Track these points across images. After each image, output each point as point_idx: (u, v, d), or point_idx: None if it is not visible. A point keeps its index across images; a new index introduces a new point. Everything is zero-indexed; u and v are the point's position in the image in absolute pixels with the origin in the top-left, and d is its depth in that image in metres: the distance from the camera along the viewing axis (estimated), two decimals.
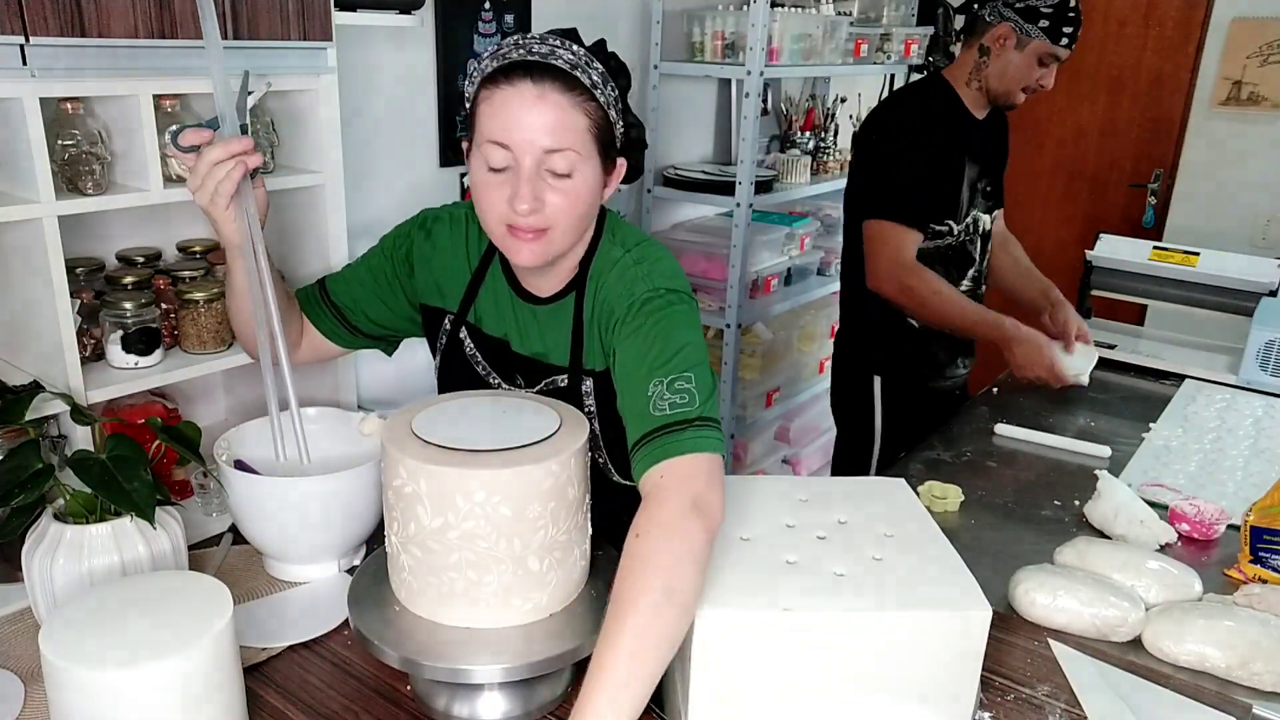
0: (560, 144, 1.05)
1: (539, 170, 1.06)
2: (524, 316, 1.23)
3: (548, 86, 1.04)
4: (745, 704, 0.91)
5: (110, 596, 0.93)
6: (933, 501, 1.52)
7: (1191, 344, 2.35)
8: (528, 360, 1.24)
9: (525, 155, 1.05)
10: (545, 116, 1.04)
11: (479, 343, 1.26)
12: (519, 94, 1.04)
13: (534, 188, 1.06)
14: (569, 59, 1.07)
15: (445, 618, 0.99)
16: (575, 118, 1.06)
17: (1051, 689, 1.10)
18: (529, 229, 1.08)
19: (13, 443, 1.20)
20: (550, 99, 1.04)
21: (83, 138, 1.30)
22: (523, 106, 1.04)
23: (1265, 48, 3.41)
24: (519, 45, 1.08)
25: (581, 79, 1.07)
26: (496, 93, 1.05)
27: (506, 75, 1.05)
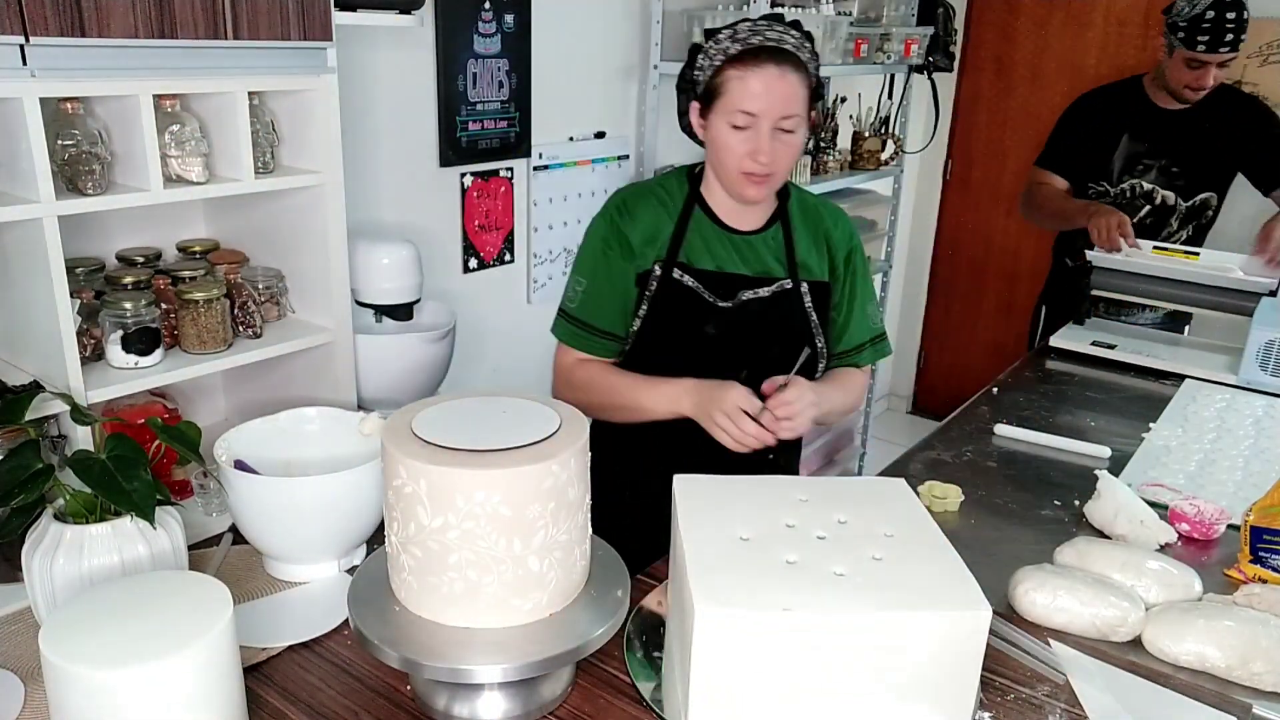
0: (792, 110, 1.36)
1: (774, 130, 1.36)
2: (740, 246, 1.49)
3: (786, 68, 1.35)
4: (745, 704, 0.91)
5: (110, 596, 0.93)
6: (933, 501, 1.52)
7: (1191, 344, 2.35)
8: (753, 278, 1.48)
9: (766, 121, 1.35)
10: (785, 91, 1.35)
11: (698, 275, 1.46)
12: (765, 74, 1.34)
13: (772, 144, 1.36)
14: (793, 43, 1.37)
15: (445, 618, 0.99)
16: (801, 89, 1.37)
17: (1051, 689, 1.10)
18: (763, 173, 1.38)
19: (13, 443, 1.20)
20: (788, 77, 1.35)
21: (83, 138, 1.30)
22: (770, 83, 1.34)
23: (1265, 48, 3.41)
24: (757, 31, 1.36)
25: (803, 58, 1.37)
26: (748, 72, 1.34)
27: (755, 58, 1.34)
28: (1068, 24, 3.83)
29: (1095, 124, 2.57)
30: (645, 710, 1.04)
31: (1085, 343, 2.32)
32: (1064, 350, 2.32)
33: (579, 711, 1.04)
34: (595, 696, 1.07)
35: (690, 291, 1.46)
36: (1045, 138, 2.65)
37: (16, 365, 1.39)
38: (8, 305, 1.37)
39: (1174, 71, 2.39)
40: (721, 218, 1.49)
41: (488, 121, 2.34)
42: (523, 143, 2.45)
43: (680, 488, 1.07)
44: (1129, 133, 2.51)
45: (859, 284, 1.56)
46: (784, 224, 1.52)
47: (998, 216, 4.18)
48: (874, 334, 1.59)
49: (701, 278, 1.46)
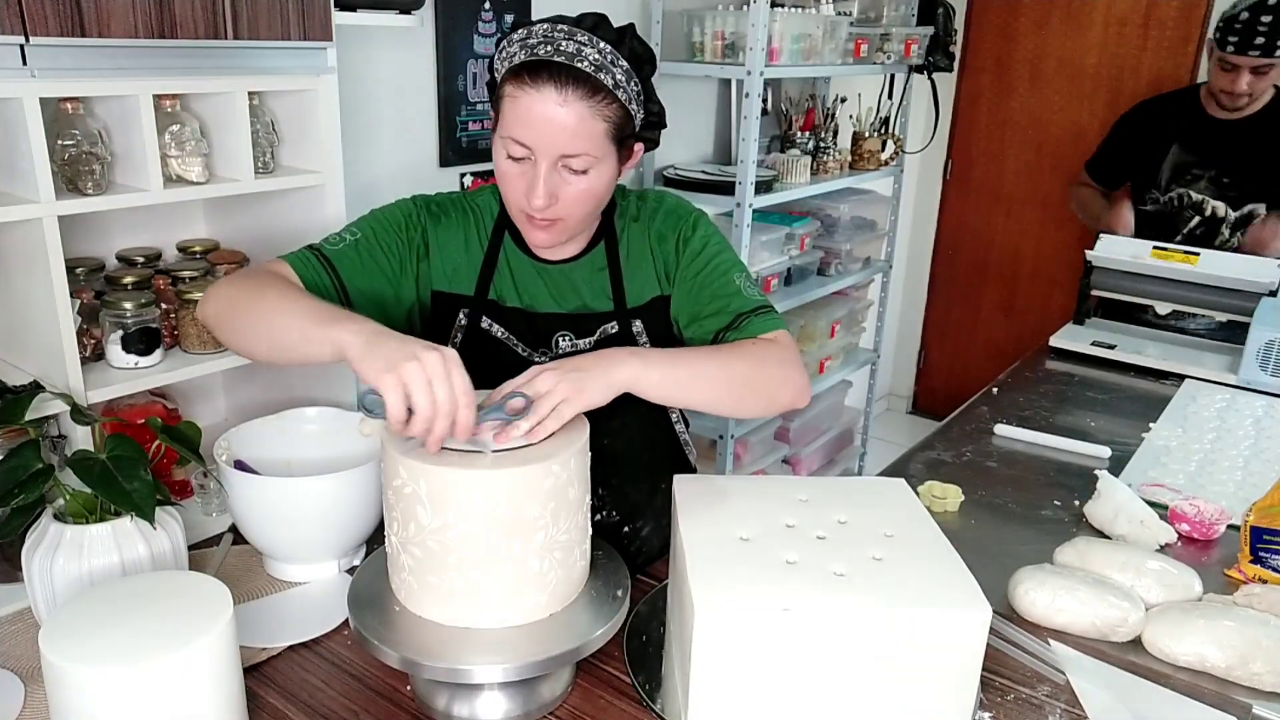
0: (578, 149, 1.09)
1: (555, 167, 1.10)
2: (553, 278, 1.25)
3: (570, 93, 1.06)
4: (745, 704, 0.91)
5: (110, 596, 0.93)
6: (933, 501, 1.52)
7: (1191, 344, 2.35)
8: (572, 317, 1.25)
9: (543, 157, 1.09)
10: (566, 121, 1.07)
11: (505, 321, 1.25)
12: (542, 99, 1.06)
13: (549, 184, 1.10)
14: (595, 60, 1.08)
15: (445, 618, 0.99)
16: (594, 123, 1.09)
17: (1051, 689, 1.10)
18: (544, 219, 1.13)
19: (13, 443, 1.20)
20: (572, 106, 1.07)
21: (83, 138, 1.30)
22: (545, 111, 1.06)
23: None
24: (548, 39, 1.08)
25: (605, 81, 1.08)
26: (521, 94, 1.07)
27: (533, 75, 1.07)
28: (1068, 24, 3.84)
29: (1145, 133, 2.59)
30: (645, 710, 1.04)
31: (1085, 343, 2.32)
32: (1064, 350, 2.32)
33: (579, 711, 1.04)
34: (595, 696, 1.07)
35: (498, 343, 1.24)
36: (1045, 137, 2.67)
37: (16, 365, 1.39)
38: (8, 305, 1.37)
39: (1212, 75, 2.40)
40: (531, 246, 1.23)
41: (488, 121, 2.34)
42: None
43: (680, 488, 1.07)
44: (1179, 142, 2.51)
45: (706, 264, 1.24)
46: (609, 244, 1.25)
47: (998, 216, 4.18)
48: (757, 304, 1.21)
49: (510, 322, 1.24)
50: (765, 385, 1.14)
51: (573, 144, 1.08)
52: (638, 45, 1.14)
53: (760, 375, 1.14)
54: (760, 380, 1.14)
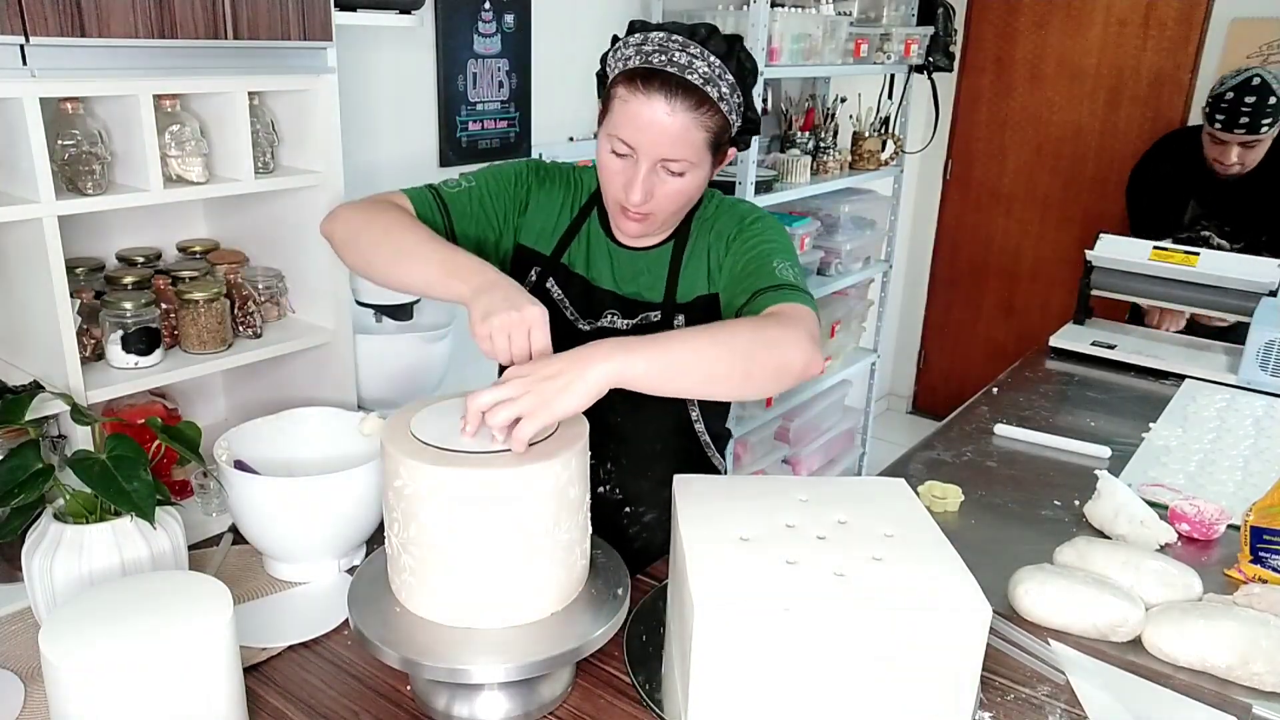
0: (679, 154, 1.15)
1: (654, 168, 1.16)
2: (621, 260, 1.32)
3: (678, 103, 1.12)
4: (745, 704, 0.91)
5: (110, 596, 0.93)
6: (933, 501, 1.52)
7: (1191, 344, 2.35)
8: (623, 299, 1.31)
9: (645, 158, 1.15)
10: (671, 130, 1.13)
11: (567, 286, 1.32)
12: (651, 106, 1.12)
13: (647, 184, 1.17)
14: (704, 73, 1.13)
15: (447, 618, 0.99)
16: (696, 133, 1.14)
17: (1051, 689, 1.10)
18: (638, 213, 1.20)
19: (13, 443, 1.20)
20: (678, 116, 1.12)
21: (83, 138, 1.29)
22: (653, 118, 1.12)
23: (1265, 48, 3.41)
24: (663, 49, 1.13)
25: (711, 94, 1.13)
26: (632, 98, 1.13)
27: (645, 82, 1.12)
28: (1068, 24, 3.84)
29: (1164, 195, 2.73)
30: (645, 710, 1.04)
31: (1085, 343, 2.32)
32: (1064, 350, 2.32)
33: (579, 711, 1.04)
34: (595, 696, 1.07)
35: (554, 305, 1.31)
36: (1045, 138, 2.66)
37: (16, 365, 1.39)
38: (8, 305, 1.37)
39: (1205, 144, 2.54)
40: (621, 235, 1.31)
41: (488, 121, 2.34)
42: (523, 143, 2.45)
43: (680, 488, 1.07)
44: (1194, 197, 2.66)
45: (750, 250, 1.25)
46: (679, 242, 1.31)
47: (998, 216, 4.19)
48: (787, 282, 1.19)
49: (569, 288, 1.32)
50: (765, 355, 1.04)
51: (674, 150, 1.14)
52: (745, 58, 1.18)
53: (759, 344, 1.05)
54: (759, 350, 1.04)
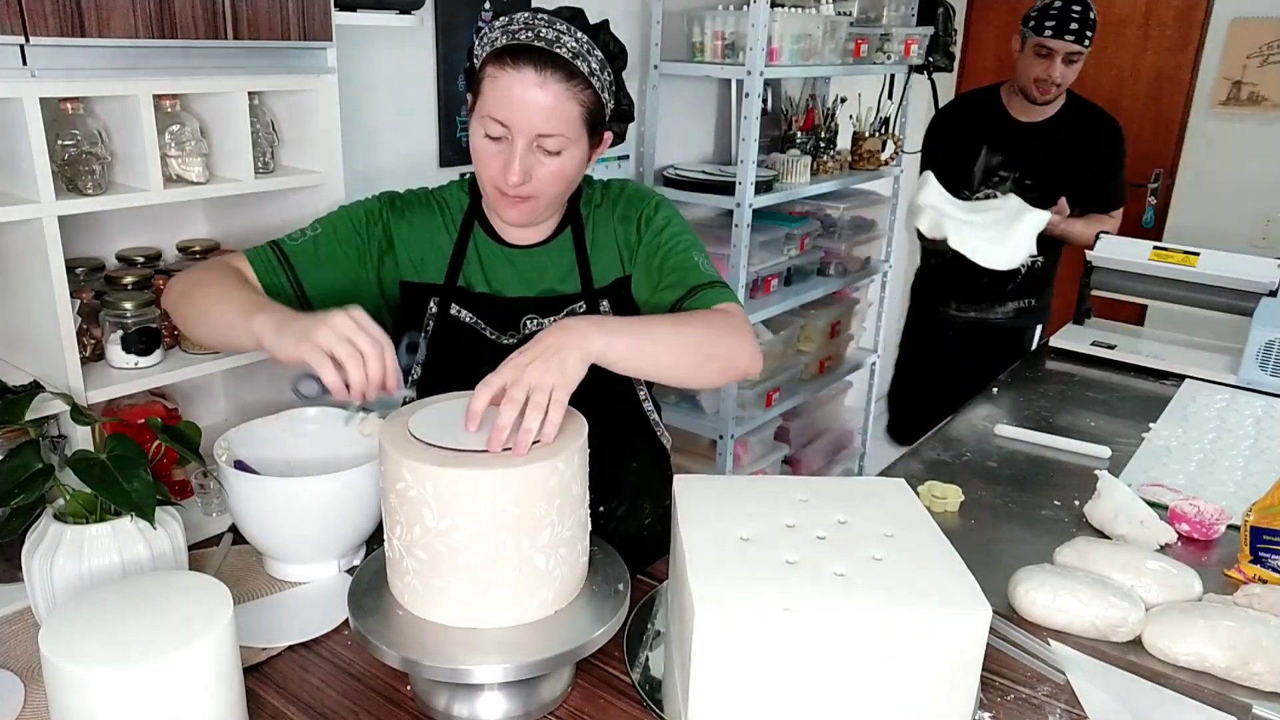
0: (553, 129, 1.14)
1: (531, 147, 1.15)
2: (521, 263, 1.30)
3: (549, 75, 1.12)
4: (745, 704, 0.91)
5: (110, 596, 0.93)
6: (933, 501, 1.52)
7: (1191, 344, 2.35)
8: (538, 300, 1.29)
9: (520, 135, 1.14)
10: (543, 103, 1.13)
11: (473, 306, 1.29)
12: (521, 80, 1.12)
13: (525, 163, 1.15)
14: (572, 47, 1.14)
15: (451, 619, 0.99)
16: (570, 106, 1.15)
17: (1051, 689, 1.10)
18: (517, 196, 1.18)
19: (13, 443, 1.20)
20: (550, 87, 1.13)
21: (83, 138, 1.30)
22: (524, 92, 1.12)
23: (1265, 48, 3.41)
24: (529, 26, 1.14)
25: (581, 68, 1.14)
26: (501, 74, 1.13)
27: (514, 58, 1.12)
28: None
29: (956, 136, 2.69)
30: (645, 710, 1.04)
31: (1085, 343, 2.32)
32: (1064, 350, 2.32)
33: (579, 711, 1.04)
34: (595, 696, 1.07)
35: (467, 328, 1.28)
36: None
37: (16, 365, 1.39)
38: (8, 305, 1.37)
39: (1025, 66, 2.50)
40: (500, 232, 1.29)
41: None
42: None
43: (680, 488, 1.07)
44: (987, 144, 2.62)
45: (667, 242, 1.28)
46: (575, 229, 1.31)
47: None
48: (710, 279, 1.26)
49: (478, 307, 1.28)
50: (720, 350, 1.17)
51: (548, 124, 1.14)
52: (611, 42, 1.20)
53: (715, 340, 1.17)
54: (715, 345, 1.17)
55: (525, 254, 1.30)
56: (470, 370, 1.12)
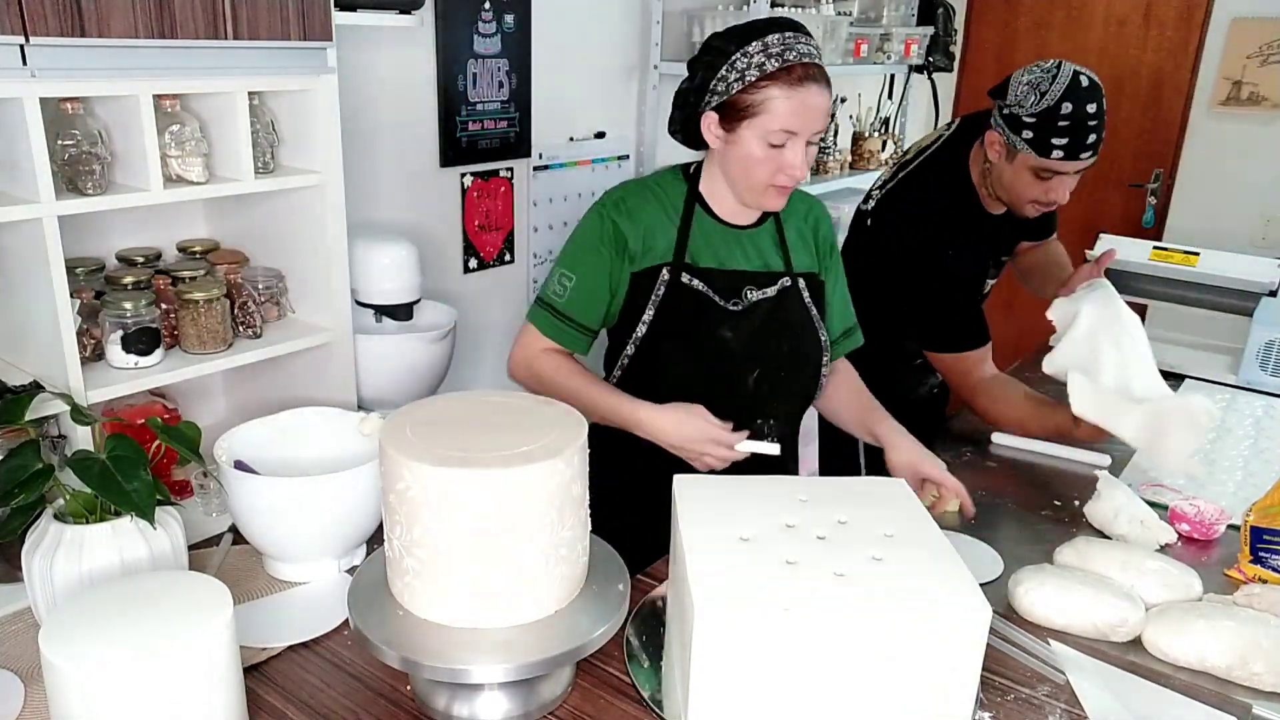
0: (825, 124, 1.38)
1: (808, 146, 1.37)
2: (742, 241, 1.49)
3: (824, 85, 1.36)
4: (745, 704, 0.91)
5: (110, 596, 0.93)
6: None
7: (1191, 344, 2.35)
8: (757, 274, 1.49)
9: (804, 137, 1.35)
10: (825, 108, 1.36)
11: (703, 277, 1.45)
12: (817, 94, 1.34)
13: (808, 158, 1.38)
14: (819, 54, 1.37)
15: (450, 619, 0.99)
16: (830, 103, 1.38)
17: (1051, 689, 1.10)
18: (788, 186, 1.39)
19: (13, 443, 1.20)
20: (826, 95, 1.36)
21: (83, 138, 1.29)
22: (817, 104, 1.34)
23: (1265, 48, 3.41)
24: (789, 45, 1.33)
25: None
26: (794, 93, 1.32)
27: (800, 78, 1.32)
28: (1068, 24, 3.84)
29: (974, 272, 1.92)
30: (645, 710, 1.04)
31: None
32: None
33: (579, 711, 1.04)
34: (595, 696, 1.07)
35: (698, 294, 1.45)
36: None
37: (16, 365, 1.39)
38: (8, 305, 1.37)
39: (1014, 184, 1.75)
40: (721, 215, 1.49)
41: (488, 121, 2.34)
42: (523, 143, 2.45)
43: (680, 488, 1.07)
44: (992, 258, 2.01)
45: (840, 272, 1.61)
46: (775, 218, 1.53)
47: None
48: (849, 324, 1.62)
49: (707, 278, 1.45)
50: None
51: (825, 121, 1.38)
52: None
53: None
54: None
55: (746, 234, 1.49)
56: (699, 331, 1.44)
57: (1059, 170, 1.68)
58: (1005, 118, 1.69)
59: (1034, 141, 1.65)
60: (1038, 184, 1.72)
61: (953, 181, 1.87)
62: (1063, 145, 1.64)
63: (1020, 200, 1.77)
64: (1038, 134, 1.65)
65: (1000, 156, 1.75)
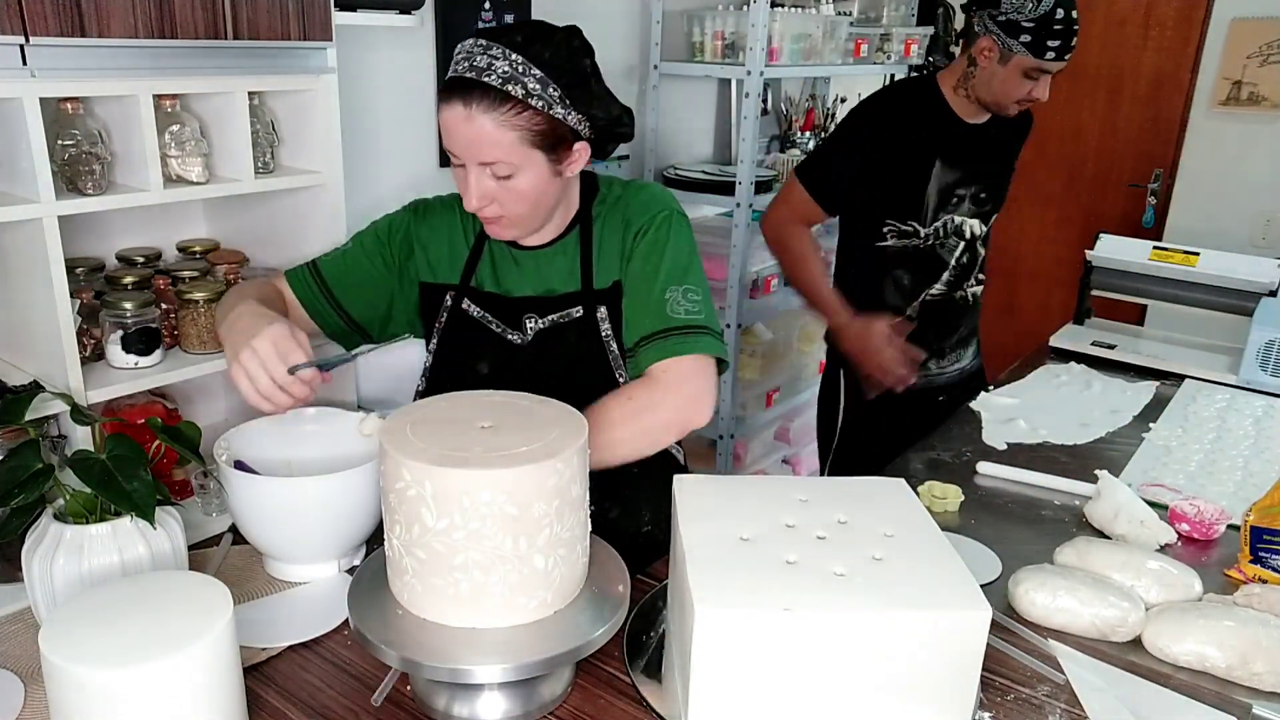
0: (493, 156, 1.17)
1: (481, 172, 1.19)
2: (526, 264, 1.34)
3: (475, 108, 1.14)
4: (745, 704, 0.91)
5: (110, 596, 0.93)
6: (933, 501, 1.52)
7: (1191, 344, 2.35)
8: (538, 300, 1.32)
9: (469, 162, 1.18)
10: (474, 134, 1.15)
11: (484, 303, 1.34)
12: (453, 114, 1.16)
13: (479, 188, 1.20)
14: (504, 72, 1.14)
15: (450, 619, 0.99)
16: (503, 133, 1.15)
17: (1051, 689, 1.10)
18: (487, 216, 1.23)
19: (13, 443, 1.20)
20: (476, 120, 1.14)
21: (83, 138, 1.30)
22: (457, 126, 1.16)
23: (1265, 48, 3.41)
24: (468, 56, 1.16)
25: (514, 92, 1.14)
26: (443, 108, 1.17)
27: (448, 93, 1.16)
28: None
29: (901, 147, 1.99)
30: (645, 710, 1.04)
31: (1085, 343, 2.32)
32: (1064, 350, 2.32)
33: (579, 711, 1.04)
34: (595, 696, 1.07)
35: (476, 323, 1.33)
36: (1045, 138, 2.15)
37: (16, 365, 1.39)
38: (8, 305, 1.37)
39: (1004, 84, 1.91)
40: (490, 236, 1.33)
41: None
42: None
43: (680, 488, 1.07)
44: (940, 157, 2.00)
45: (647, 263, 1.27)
46: (584, 228, 1.32)
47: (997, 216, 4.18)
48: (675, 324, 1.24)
49: (487, 304, 1.33)
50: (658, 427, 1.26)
51: (485, 153, 1.16)
52: (557, 53, 1.17)
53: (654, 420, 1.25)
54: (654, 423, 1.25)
55: (531, 255, 1.33)
56: (478, 360, 1.31)
57: (1047, 69, 1.89)
58: (1001, 24, 1.87)
59: (1031, 44, 1.84)
60: (1025, 84, 1.91)
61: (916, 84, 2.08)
62: (1055, 47, 1.85)
63: (1007, 100, 1.95)
64: (1035, 37, 1.84)
65: (991, 60, 1.91)
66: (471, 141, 1.16)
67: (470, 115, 1.14)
